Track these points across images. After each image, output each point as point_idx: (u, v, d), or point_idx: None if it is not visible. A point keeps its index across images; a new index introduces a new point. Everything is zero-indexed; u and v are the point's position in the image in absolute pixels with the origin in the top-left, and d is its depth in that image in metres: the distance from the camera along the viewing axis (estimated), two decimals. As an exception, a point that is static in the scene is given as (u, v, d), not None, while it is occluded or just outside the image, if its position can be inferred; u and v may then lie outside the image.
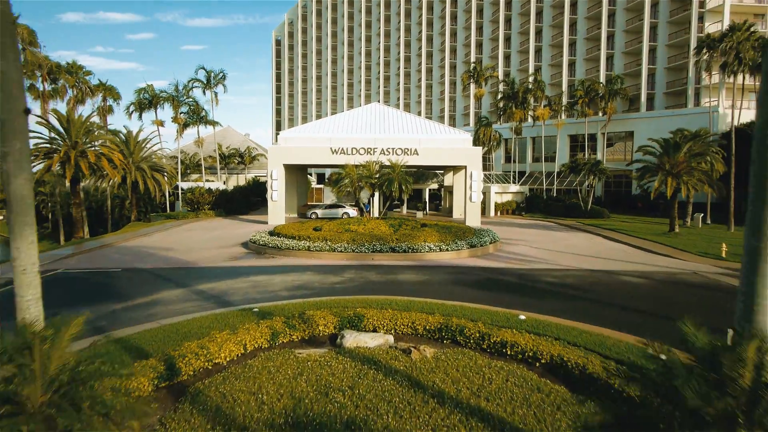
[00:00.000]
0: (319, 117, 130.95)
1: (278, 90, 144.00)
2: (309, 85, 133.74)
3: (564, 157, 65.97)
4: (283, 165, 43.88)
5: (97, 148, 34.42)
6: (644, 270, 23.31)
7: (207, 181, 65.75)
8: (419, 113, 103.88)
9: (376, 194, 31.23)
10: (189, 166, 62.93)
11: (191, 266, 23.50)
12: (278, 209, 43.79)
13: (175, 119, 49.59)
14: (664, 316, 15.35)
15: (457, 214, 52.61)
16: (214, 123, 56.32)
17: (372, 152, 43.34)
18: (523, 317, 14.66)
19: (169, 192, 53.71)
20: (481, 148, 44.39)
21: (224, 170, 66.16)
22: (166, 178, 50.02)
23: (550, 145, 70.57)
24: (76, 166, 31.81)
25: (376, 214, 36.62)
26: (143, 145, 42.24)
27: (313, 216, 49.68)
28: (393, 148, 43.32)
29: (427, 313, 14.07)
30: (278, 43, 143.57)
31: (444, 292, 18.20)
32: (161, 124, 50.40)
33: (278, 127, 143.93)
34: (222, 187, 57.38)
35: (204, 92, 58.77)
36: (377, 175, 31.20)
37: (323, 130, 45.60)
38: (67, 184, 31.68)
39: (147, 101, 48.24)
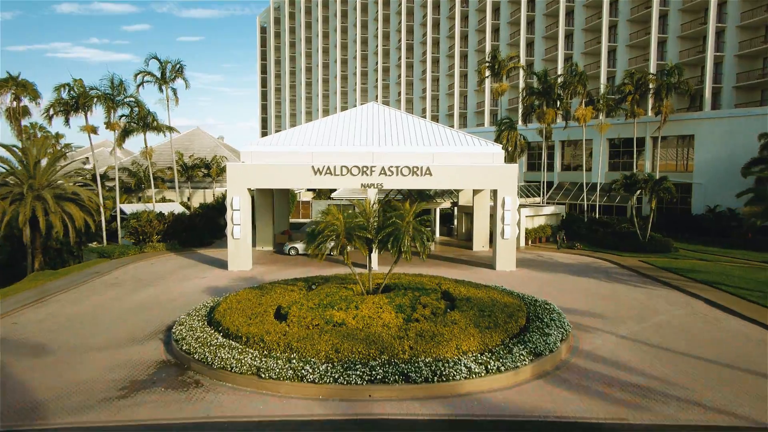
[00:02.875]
0: (309, 113, 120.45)
1: (264, 83, 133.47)
2: (298, 78, 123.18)
3: (603, 166, 55.72)
4: (249, 189, 33.58)
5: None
6: None
7: (163, 200, 55.30)
8: (423, 111, 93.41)
9: (375, 253, 20.83)
10: (142, 180, 52.66)
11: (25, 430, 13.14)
12: (242, 249, 33.50)
13: (109, 125, 39.11)
14: None
15: (478, 245, 42.41)
16: (168, 128, 45.84)
17: (369, 172, 33.04)
18: None
19: (106, 218, 43.30)
20: (516, 166, 34.18)
21: (187, 184, 55.85)
22: (102, 202, 39.59)
23: (581, 149, 60.34)
24: None
25: (376, 267, 26.45)
26: (53, 162, 31.80)
27: (292, 252, 39.41)
28: (397, 167, 33.00)
29: None
30: (264, 30, 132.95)
31: None
32: (93, 130, 39.92)
33: (264, 125, 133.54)
34: (179, 210, 46.97)
35: (160, 88, 48.37)
36: (376, 222, 20.88)
37: (303, 140, 35.25)
38: None
39: (72, 101, 37.87)
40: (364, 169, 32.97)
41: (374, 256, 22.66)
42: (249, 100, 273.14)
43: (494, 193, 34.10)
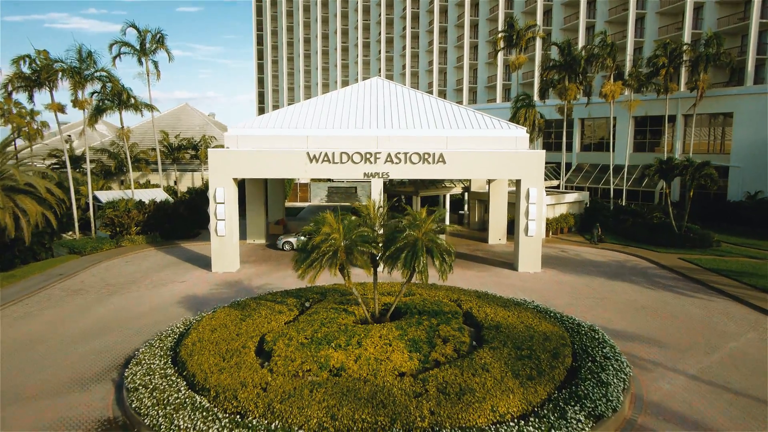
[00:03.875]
0: (307, 87, 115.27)
1: (260, 56, 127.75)
2: (296, 50, 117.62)
3: (626, 146, 51.30)
4: (235, 179, 29.43)
5: None
6: None
7: (147, 184, 51.22)
8: (429, 85, 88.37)
9: (383, 267, 16.76)
10: (124, 163, 48.34)
11: None
12: (227, 248, 29.50)
13: (77, 102, 34.75)
14: None
15: (494, 237, 38.43)
16: (147, 106, 41.44)
17: (373, 160, 28.83)
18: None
19: (82, 206, 39.35)
20: (543, 152, 29.86)
21: (173, 166, 51.61)
22: (75, 189, 35.48)
23: (603, 128, 55.98)
24: None
25: (379, 272, 22.45)
26: (3, 149, 27.61)
27: (287, 247, 35.46)
28: (406, 154, 28.78)
29: None
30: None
31: None
32: (60, 109, 35.61)
33: (261, 99, 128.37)
34: (161, 197, 42.88)
35: (140, 61, 43.95)
36: (383, 229, 16.85)
37: (297, 122, 30.93)
38: None
39: (35, 75, 33.51)
40: (368, 156, 28.76)
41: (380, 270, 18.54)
42: (250, 73, 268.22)
43: (517, 182, 29.93)
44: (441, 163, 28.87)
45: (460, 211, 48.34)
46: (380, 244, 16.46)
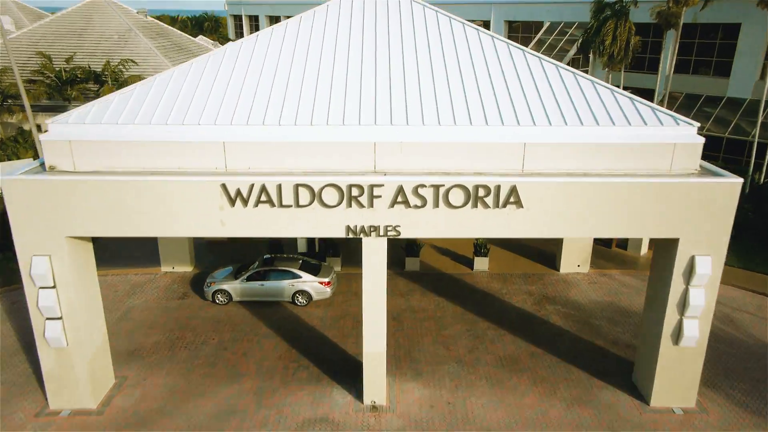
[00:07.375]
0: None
1: None
2: None
3: (755, 70, 35.25)
4: (74, 237, 14.61)
5: None
6: None
7: (36, 132, 35.68)
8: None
9: None
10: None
11: None
12: (75, 368, 15.42)
13: None
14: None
15: (570, 260, 24.71)
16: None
17: (366, 200, 13.90)
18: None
19: None
20: (738, 185, 14.76)
21: (69, 106, 35.36)
22: None
23: (715, 40, 39.42)
24: None
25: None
26: None
27: (220, 299, 21.45)
28: (438, 187, 13.67)
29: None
30: None
31: None
32: None
33: None
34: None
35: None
36: None
37: (202, 105, 15.11)
38: None
39: None
40: (355, 192, 13.73)
41: None
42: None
43: (662, 242, 15.15)
44: (513, 205, 13.90)
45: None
46: None
